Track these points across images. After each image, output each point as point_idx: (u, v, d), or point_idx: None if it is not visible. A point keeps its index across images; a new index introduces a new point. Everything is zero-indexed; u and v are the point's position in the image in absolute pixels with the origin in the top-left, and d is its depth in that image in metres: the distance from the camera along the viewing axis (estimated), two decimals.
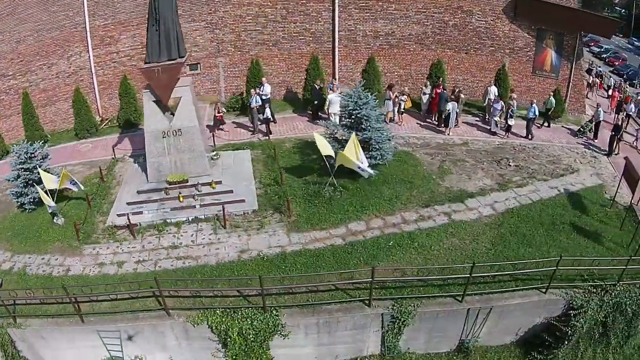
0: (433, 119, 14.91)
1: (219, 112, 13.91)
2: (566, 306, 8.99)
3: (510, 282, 8.84)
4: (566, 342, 8.77)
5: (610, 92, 19.42)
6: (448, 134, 14.05)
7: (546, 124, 15.54)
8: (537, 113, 14.30)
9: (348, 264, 8.59)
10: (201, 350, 8.28)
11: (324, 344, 8.09)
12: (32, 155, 10.97)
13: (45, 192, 10.18)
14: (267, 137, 13.10)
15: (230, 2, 14.59)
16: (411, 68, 16.07)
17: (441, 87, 14.49)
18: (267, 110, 13.12)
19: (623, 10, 53.17)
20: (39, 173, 10.16)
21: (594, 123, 15.65)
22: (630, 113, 16.87)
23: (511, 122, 13.97)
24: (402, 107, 14.00)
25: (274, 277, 8.24)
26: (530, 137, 14.58)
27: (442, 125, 14.38)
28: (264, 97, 13.18)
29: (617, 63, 34.64)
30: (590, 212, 11.21)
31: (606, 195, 12.10)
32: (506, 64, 16.88)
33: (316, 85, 14.07)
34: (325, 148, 10.08)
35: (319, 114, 14.33)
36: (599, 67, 26.20)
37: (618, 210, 11.26)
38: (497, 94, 15.02)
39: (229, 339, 7.81)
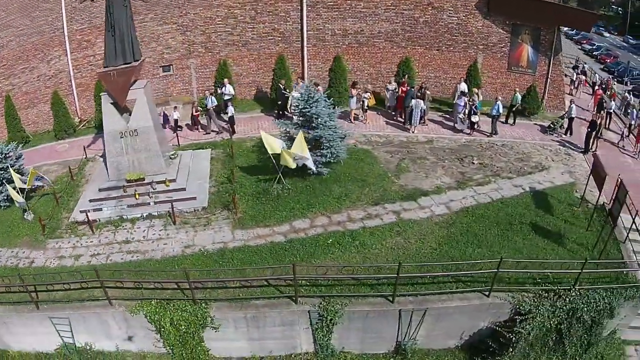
0: (399, 117, 14.93)
1: (196, 112, 14.41)
2: (513, 311, 8.67)
3: (450, 284, 8.64)
4: (510, 350, 8.42)
5: (596, 88, 18.87)
6: (412, 132, 14.04)
7: (511, 121, 15.23)
8: (500, 110, 14.07)
9: (284, 260, 8.77)
10: (143, 339, 8.67)
11: (255, 339, 8.33)
12: (7, 155, 11.69)
13: (17, 190, 10.87)
14: (230, 137, 13.40)
15: (200, 4, 14.94)
16: (381, 66, 16.05)
17: (406, 84, 14.47)
18: (230, 109, 13.45)
19: (619, 9, 52.44)
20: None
21: (566, 119, 15.37)
22: (611, 111, 16.39)
23: (474, 118, 13.81)
24: (366, 104, 14.06)
25: (207, 270, 8.48)
26: (494, 134, 14.34)
27: (408, 123, 14.41)
28: (226, 97, 13.52)
29: (608, 60, 34.20)
30: (555, 211, 10.89)
31: (576, 194, 11.77)
32: (479, 60, 16.69)
33: (280, 85, 14.30)
34: (273, 147, 10.31)
35: (285, 113, 14.59)
36: (585, 63, 25.59)
37: (587, 209, 10.88)
38: (466, 90, 14.91)
39: (162, 329, 8.20)
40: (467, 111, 14.03)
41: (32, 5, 14.39)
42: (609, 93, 21.54)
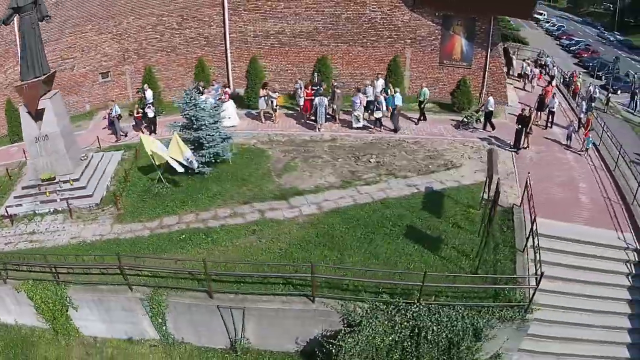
0: (311, 117, 15.17)
1: (137, 113, 15.80)
2: (343, 321, 8.18)
3: (275, 285, 8.54)
4: None
5: (545, 85, 17.84)
6: (319, 130, 14.41)
7: (422, 118, 15.04)
8: (396, 103, 13.82)
9: (139, 252, 9.73)
10: (32, 315, 9.98)
11: (107, 321, 9.40)
12: None
13: None
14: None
15: (132, 13, 16.16)
16: (304, 65, 16.46)
17: (310, 87, 14.54)
18: (150, 111, 14.63)
19: (610, 6, 51.93)
20: None
21: (482, 113, 14.90)
22: (554, 109, 15.58)
23: (377, 114, 13.82)
24: (275, 104, 14.60)
25: (77, 256, 9.54)
26: (396, 130, 14.26)
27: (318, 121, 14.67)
28: (147, 101, 14.73)
29: (585, 55, 33.44)
30: (447, 213, 10.44)
31: (485, 196, 10.85)
32: (408, 55, 16.48)
33: (200, 87, 15.20)
34: (151, 147, 11.30)
35: None
36: (548, 56, 24.03)
37: (489, 212, 9.96)
38: (383, 86, 14.89)
39: (37, 306, 9.66)
40: (374, 108, 14.10)
41: None
42: (572, 87, 20.47)
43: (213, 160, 11.89)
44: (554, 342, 9.08)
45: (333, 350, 7.77)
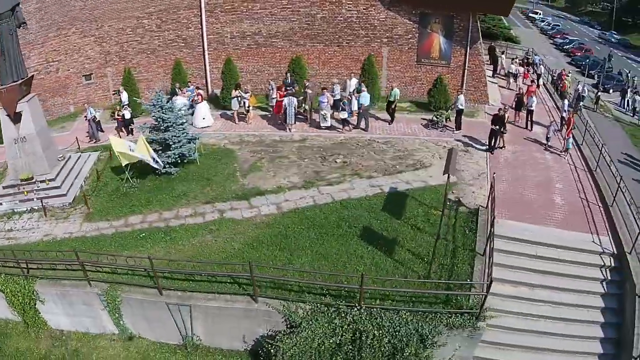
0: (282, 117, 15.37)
1: (118, 115, 16.30)
2: (285, 322, 8.22)
3: (225, 284, 8.68)
4: None
5: (528, 84, 17.57)
6: (289, 131, 14.60)
7: (391, 119, 14.98)
8: (361, 102, 13.80)
9: (101, 249, 10.18)
10: (6, 308, 10.45)
11: (71, 315, 9.86)
12: None
13: None
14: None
15: (112, 16, 16.59)
16: (281, 65, 16.62)
17: (283, 88, 14.72)
18: (127, 113, 15.08)
19: (608, 5, 53.35)
20: None
21: (451, 112, 14.81)
22: (532, 108, 15.39)
23: (343, 115, 13.90)
24: (247, 105, 14.84)
25: (46, 252, 10.05)
26: (363, 128, 14.25)
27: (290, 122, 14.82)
28: (123, 103, 15.19)
29: (578, 54, 33.63)
30: (408, 214, 10.38)
31: (452, 197, 11.19)
32: (384, 54, 16.47)
33: (176, 89, 15.59)
34: (119, 147, 11.73)
35: None
36: (536, 55, 23.58)
37: (460, 213, 10.40)
38: (357, 86, 14.94)
39: (8, 299, 10.21)
40: (340, 108, 14.17)
41: None
42: (561, 85, 20.11)
43: (179, 161, 12.26)
44: (517, 351, 8.68)
45: (272, 351, 7.83)
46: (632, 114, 22.57)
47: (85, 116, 15.04)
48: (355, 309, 7.96)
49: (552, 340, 8.78)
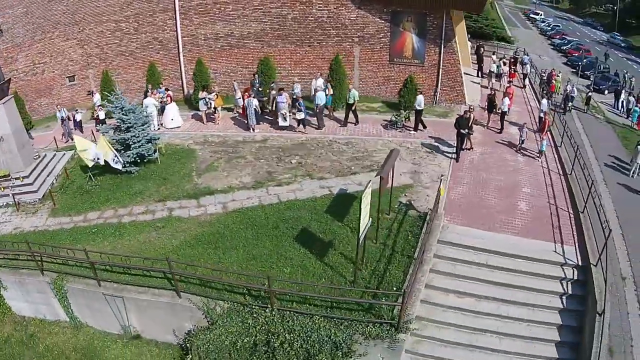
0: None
1: (96, 116, 17.12)
2: (206, 318, 8.43)
3: (157, 279, 9.08)
4: (189, 358, 8.07)
5: (507, 85, 17.16)
6: (253, 131, 14.91)
7: (345, 120, 14.98)
8: (317, 102, 13.95)
9: (59, 243, 10.81)
10: None
11: (30, 302, 10.59)
12: None
13: None
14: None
15: (93, 20, 17.32)
16: (253, 66, 16.95)
17: (250, 90, 15.07)
18: (101, 113, 15.82)
19: (611, 6, 52.55)
20: None
21: (408, 112, 14.70)
22: (505, 110, 15.08)
23: (300, 115, 14.06)
24: (212, 106, 15.25)
25: (14, 243, 10.73)
26: (319, 127, 14.42)
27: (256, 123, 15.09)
28: (95, 104, 15.94)
29: (575, 54, 33.57)
30: (352, 217, 10.25)
31: (403, 199, 11.12)
32: (356, 53, 16.44)
33: (148, 90, 16.20)
34: (82, 147, 12.38)
35: None
36: (526, 54, 22.84)
37: (409, 217, 10.25)
38: (322, 87, 15.07)
39: None
40: (296, 109, 14.28)
41: None
42: (557, 84, 19.57)
43: (139, 160, 12.85)
44: None
45: (188, 345, 8.22)
46: (625, 116, 21.65)
47: (62, 117, 15.91)
48: (268, 310, 8.07)
49: (496, 358, 8.26)
